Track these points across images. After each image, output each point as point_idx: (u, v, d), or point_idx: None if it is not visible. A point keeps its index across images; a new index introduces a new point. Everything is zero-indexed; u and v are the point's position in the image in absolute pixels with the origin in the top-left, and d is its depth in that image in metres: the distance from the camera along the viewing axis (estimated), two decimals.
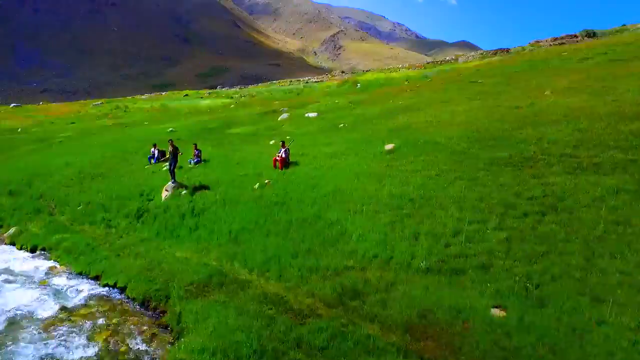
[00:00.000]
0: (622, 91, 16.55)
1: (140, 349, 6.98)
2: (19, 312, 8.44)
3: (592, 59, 26.17)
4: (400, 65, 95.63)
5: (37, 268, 11.47)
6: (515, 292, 6.45)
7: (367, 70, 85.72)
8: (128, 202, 15.64)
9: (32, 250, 13.47)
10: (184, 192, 15.23)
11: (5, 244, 14.53)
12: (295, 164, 16.28)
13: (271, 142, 20.64)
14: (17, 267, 11.64)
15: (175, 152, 15.58)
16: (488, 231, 8.17)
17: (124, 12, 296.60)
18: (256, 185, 14.52)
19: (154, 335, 7.46)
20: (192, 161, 18.85)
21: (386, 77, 42.40)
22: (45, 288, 9.85)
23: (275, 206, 12.61)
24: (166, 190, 15.57)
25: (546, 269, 6.73)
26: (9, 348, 7.03)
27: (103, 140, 30.11)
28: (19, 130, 47.41)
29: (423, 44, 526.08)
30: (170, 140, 16.38)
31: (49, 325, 7.83)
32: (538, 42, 71.12)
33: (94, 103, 74.75)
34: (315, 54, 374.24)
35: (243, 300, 7.68)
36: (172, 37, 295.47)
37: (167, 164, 16.37)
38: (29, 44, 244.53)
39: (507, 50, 68.49)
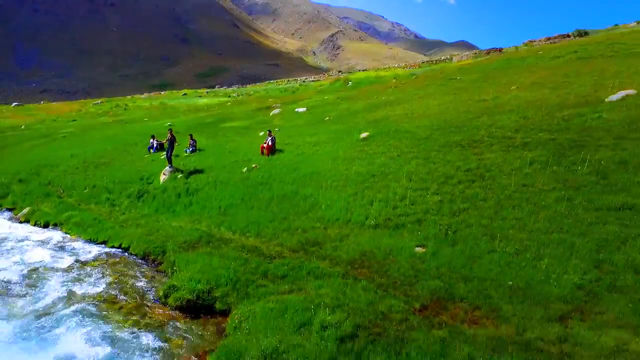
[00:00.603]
0: (577, 86, 18.29)
1: (142, 284, 8.73)
2: (40, 264, 10.19)
3: (563, 57, 27.94)
4: (397, 65, 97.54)
5: (51, 237, 13.21)
6: (436, 236, 8.21)
7: (364, 70, 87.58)
8: (129, 185, 17.40)
9: (45, 226, 15.18)
10: (180, 175, 16.98)
11: (20, 222, 16.24)
12: (281, 151, 18.03)
13: (261, 134, 22.38)
14: (33, 237, 13.39)
15: (172, 139, 17.36)
16: (427, 196, 9.92)
17: (123, 13, 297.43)
18: (244, 169, 16.28)
19: (152, 277, 9.22)
20: (187, 150, 20.59)
21: (376, 75, 44.20)
22: (60, 249, 11.61)
23: (259, 186, 14.36)
24: (164, 174, 17.33)
25: (464, 220, 8.49)
26: (37, 285, 8.77)
27: (104, 135, 31.85)
28: (23, 127, 49.13)
29: (422, 44, 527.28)
30: (170, 129, 18.15)
31: (66, 271, 9.59)
32: (532, 41, 72.83)
33: (94, 102, 76.49)
34: (314, 54, 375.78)
35: (225, 251, 9.43)
36: (171, 37, 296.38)
37: (165, 151, 18.16)
38: (29, 44, 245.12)
39: (500, 50, 70.25)
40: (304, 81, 78.82)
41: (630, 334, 4.83)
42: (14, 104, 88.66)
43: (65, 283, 8.83)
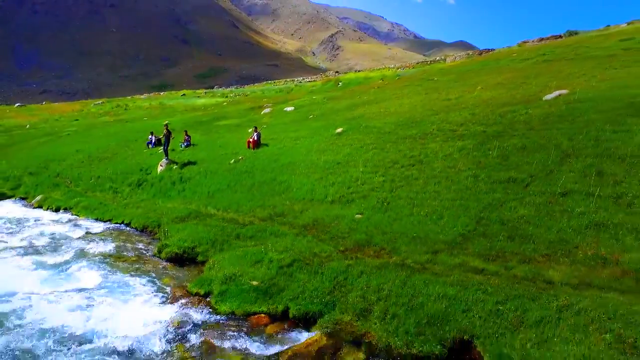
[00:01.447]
0: (530, 86, 20.43)
1: (141, 246, 10.91)
2: (58, 234, 12.37)
3: (532, 60, 30.11)
4: (393, 65, 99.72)
5: (63, 217, 15.40)
6: (374, 207, 10.37)
7: (357, 70, 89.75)
8: (130, 176, 19.59)
9: (57, 210, 17.35)
10: (175, 166, 19.17)
11: (34, 207, 18.42)
12: (266, 145, 20.21)
13: (249, 130, 24.54)
14: (48, 217, 15.58)
15: (168, 134, 19.55)
16: (375, 177, 12.09)
17: (123, 13, 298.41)
18: (232, 161, 18.46)
19: (149, 242, 11.39)
20: (182, 145, 22.78)
21: (365, 76, 46.42)
22: (73, 225, 13.79)
23: (244, 174, 16.53)
24: (161, 165, 19.52)
25: (398, 195, 10.65)
26: (58, 247, 10.95)
27: (106, 133, 34.01)
28: (27, 126, 51.29)
29: (421, 44, 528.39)
30: (166, 125, 20.33)
31: (80, 238, 11.76)
32: (525, 42, 74.83)
33: (95, 102, 78.64)
34: (314, 55, 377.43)
35: (208, 222, 11.60)
36: (170, 37, 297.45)
37: (162, 146, 20.35)
38: (28, 45, 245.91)
39: (492, 51, 72.39)
40: (300, 82, 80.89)
41: (477, 259, 7.00)
42: (17, 104, 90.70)
43: (80, 246, 11.01)
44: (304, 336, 5.83)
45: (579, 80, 18.72)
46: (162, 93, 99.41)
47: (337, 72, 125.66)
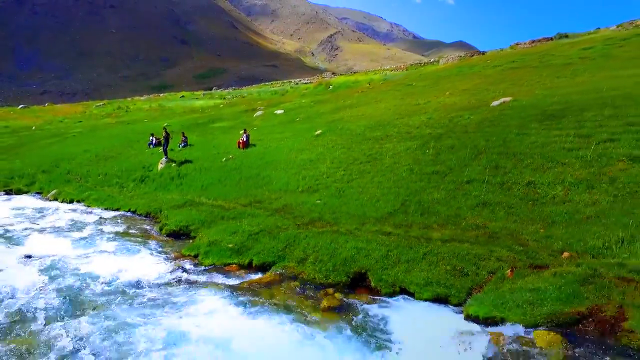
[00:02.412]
0: (490, 92, 23.03)
1: (146, 227, 13.55)
2: (75, 219, 15.01)
3: (501, 66, 32.73)
4: (388, 66, 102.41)
5: (77, 207, 18.04)
6: (332, 194, 12.99)
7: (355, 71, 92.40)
8: (134, 172, 22.24)
9: (70, 202, 19.96)
10: (173, 164, 21.80)
11: (50, 200, 21.05)
12: (254, 145, 22.85)
13: (240, 132, 27.18)
14: (64, 207, 18.21)
15: (167, 136, 22.20)
16: (338, 172, 14.72)
17: (122, 14, 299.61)
18: (223, 159, 21.08)
19: (153, 224, 14.02)
20: (180, 145, 25.41)
21: (354, 80, 49.07)
22: (87, 213, 16.43)
23: (233, 170, 19.17)
24: (161, 163, 22.15)
25: (352, 185, 13.27)
26: (77, 227, 13.58)
27: (110, 134, 36.63)
28: (34, 128, 53.86)
29: (420, 45, 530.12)
30: (165, 128, 22.98)
31: (95, 222, 14.41)
32: (518, 44, 77.38)
33: (96, 104, 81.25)
34: (313, 55, 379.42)
35: (200, 208, 14.23)
36: (170, 38, 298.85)
37: (162, 146, 22.99)
38: (28, 46, 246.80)
39: (484, 53, 74.95)
40: (297, 83, 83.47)
41: (390, 227, 9.64)
42: (20, 106, 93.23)
43: (96, 226, 13.66)
44: (260, 276, 8.48)
45: (527, 88, 21.35)
46: (161, 94, 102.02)
47: (333, 73, 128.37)
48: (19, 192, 23.89)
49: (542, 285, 6.06)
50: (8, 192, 23.80)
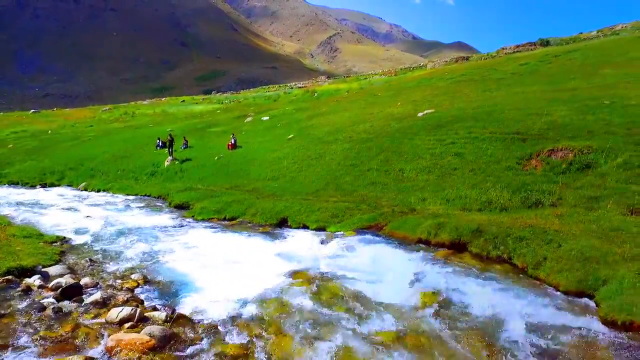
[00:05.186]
0: (427, 103, 29.01)
1: (159, 204, 19.64)
2: (107, 200, 21.11)
3: (452, 79, 38.74)
4: (380, 70, 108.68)
5: (105, 194, 24.17)
6: (286, 180, 19.03)
7: (354, 71, 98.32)
8: (146, 168, 28.33)
9: (98, 191, 26.03)
10: (176, 162, 27.90)
11: (81, 190, 27.15)
12: (240, 147, 28.95)
13: (230, 136, 33.33)
14: (94, 194, 24.32)
15: (171, 140, 28.34)
16: (294, 166, 20.74)
17: (123, 17, 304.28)
18: (216, 158, 27.17)
19: (163, 203, 20.10)
20: (182, 147, 31.51)
21: (335, 88, 55.13)
22: (114, 197, 22.53)
23: (223, 166, 25.25)
24: (167, 161, 28.26)
25: (301, 174, 19.29)
26: (110, 204, 19.67)
27: (122, 138, 42.75)
28: (49, 132, 59.93)
29: (419, 45, 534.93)
30: (169, 132, 29.08)
31: (122, 202, 20.50)
32: (503, 48, 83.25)
33: (102, 109, 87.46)
34: (312, 57, 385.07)
35: (197, 191, 20.30)
36: (170, 41, 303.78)
37: (167, 148, 29.12)
38: (30, 49, 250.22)
39: (467, 58, 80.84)
40: (291, 88, 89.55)
41: (311, 197, 15.66)
42: (32, 110, 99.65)
43: (125, 203, 19.76)
44: (230, 222, 14.63)
45: (452, 101, 27.31)
46: (163, 99, 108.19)
47: (328, 77, 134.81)
48: (52, 185, 29.97)
49: (366, 216, 12.11)
50: (43, 185, 29.90)
